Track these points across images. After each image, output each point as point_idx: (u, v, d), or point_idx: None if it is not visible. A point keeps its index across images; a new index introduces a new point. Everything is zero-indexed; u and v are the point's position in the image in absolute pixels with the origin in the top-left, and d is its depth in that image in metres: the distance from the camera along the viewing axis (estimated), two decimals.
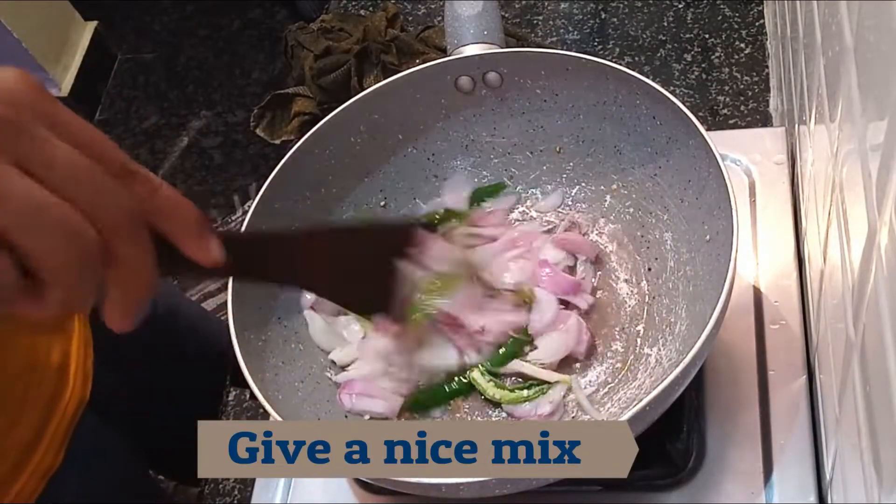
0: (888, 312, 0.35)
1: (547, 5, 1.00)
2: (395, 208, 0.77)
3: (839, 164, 0.47)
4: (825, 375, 0.57)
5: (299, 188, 0.71)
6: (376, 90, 0.71)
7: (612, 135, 0.71)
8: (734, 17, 0.93)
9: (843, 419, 0.49)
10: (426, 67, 0.72)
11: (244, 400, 0.79)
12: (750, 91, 0.86)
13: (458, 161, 0.77)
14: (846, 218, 0.45)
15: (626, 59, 0.92)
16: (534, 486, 0.54)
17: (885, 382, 0.35)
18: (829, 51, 0.49)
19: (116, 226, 0.35)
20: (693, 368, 0.53)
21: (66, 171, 0.33)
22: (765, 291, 0.69)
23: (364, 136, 0.73)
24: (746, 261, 0.71)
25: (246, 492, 0.72)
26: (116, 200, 0.35)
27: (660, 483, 0.62)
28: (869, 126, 0.38)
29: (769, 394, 0.64)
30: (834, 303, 0.50)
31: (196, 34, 2.57)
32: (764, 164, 0.76)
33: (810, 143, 0.62)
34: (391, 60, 0.92)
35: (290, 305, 0.70)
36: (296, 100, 0.97)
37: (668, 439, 0.62)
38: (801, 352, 0.66)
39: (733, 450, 0.63)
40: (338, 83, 0.92)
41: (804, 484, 0.60)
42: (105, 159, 0.35)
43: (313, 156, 0.71)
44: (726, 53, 0.90)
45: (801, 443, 0.62)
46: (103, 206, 0.34)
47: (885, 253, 0.35)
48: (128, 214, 0.35)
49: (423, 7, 1.05)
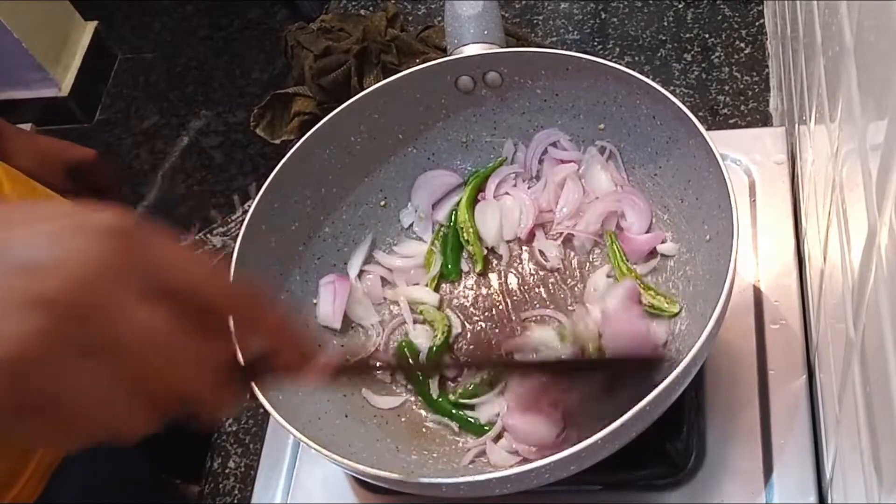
0: (888, 312, 0.35)
1: (547, 5, 1.00)
2: (395, 208, 0.77)
3: (839, 164, 0.47)
4: (825, 375, 0.57)
5: (299, 188, 0.71)
6: (376, 90, 0.71)
7: (612, 135, 0.71)
8: (734, 17, 0.93)
9: (843, 419, 0.49)
10: (426, 67, 0.72)
11: (244, 400, 0.79)
12: (750, 91, 0.86)
13: (458, 161, 0.77)
14: (846, 218, 0.45)
15: (626, 59, 0.92)
16: (534, 485, 0.54)
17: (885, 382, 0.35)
18: (829, 51, 0.49)
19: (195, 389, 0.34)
20: (693, 368, 0.53)
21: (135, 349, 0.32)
22: (765, 291, 0.69)
23: (364, 136, 0.73)
24: (746, 261, 0.71)
25: (246, 492, 0.72)
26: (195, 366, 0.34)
27: (660, 483, 0.62)
28: (869, 126, 0.38)
29: (769, 394, 0.64)
30: (834, 303, 0.50)
31: (196, 34, 2.57)
32: (764, 164, 0.76)
33: (810, 142, 0.62)
34: (391, 60, 0.91)
35: (290, 305, 0.70)
36: (296, 100, 0.96)
37: (668, 439, 0.62)
38: (801, 352, 0.66)
39: (733, 450, 0.63)
40: (338, 83, 0.92)
41: (804, 484, 0.60)
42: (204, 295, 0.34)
43: (313, 156, 0.71)
44: (726, 53, 0.90)
45: (801, 443, 0.62)
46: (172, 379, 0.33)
47: (885, 253, 0.35)
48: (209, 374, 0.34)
49: (423, 7, 1.05)
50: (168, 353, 0.33)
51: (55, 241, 0.31)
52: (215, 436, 0.77)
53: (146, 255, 0.33)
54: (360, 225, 0.76)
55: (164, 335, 0.33)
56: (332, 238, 0.74)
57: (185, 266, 0.34)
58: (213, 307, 0.34)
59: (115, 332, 0.31)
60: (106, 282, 0.31)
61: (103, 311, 0.31)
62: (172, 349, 0.33)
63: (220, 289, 0.35)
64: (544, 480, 0.54)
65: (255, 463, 0.73)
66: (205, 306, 0.34)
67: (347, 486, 0.68)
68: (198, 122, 2.37)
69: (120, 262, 0.32)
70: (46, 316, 0.30)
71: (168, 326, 0.33)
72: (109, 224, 0.32)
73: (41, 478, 0.72)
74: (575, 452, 0.50)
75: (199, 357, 0.34)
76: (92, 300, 0.31)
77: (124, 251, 0.32)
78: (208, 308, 0.34)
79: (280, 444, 0.72)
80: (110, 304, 0.31)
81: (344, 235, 0.75)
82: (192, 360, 0.34)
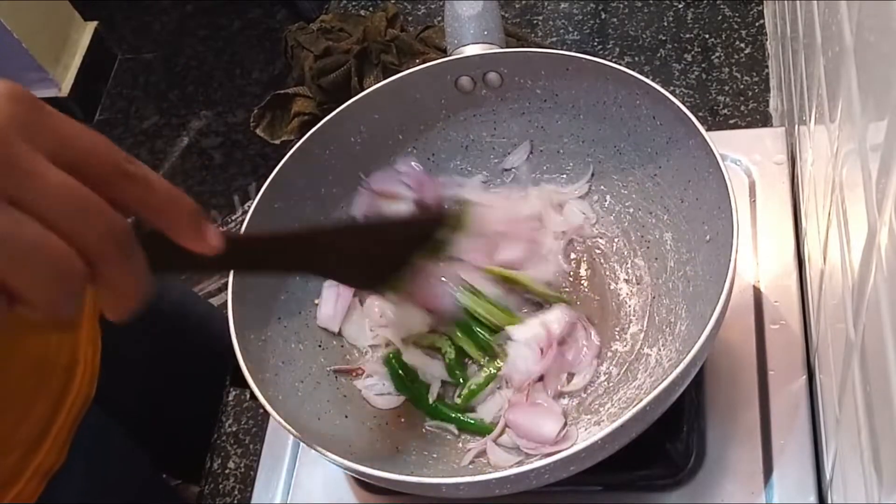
0: (888, 312, 0.35)
1: (547, 5, 1.00)
2: None
3: (839, 164, 0.47)
4: (825, 375, 0.57)
5: (299, 188, 0.71)
6: (376, 90, 0.71)
7: (612, 135, 0.71)
8: (734, 17, 0.93)
9: (843, 419, 0.49)
10: (426, 67, 0.72)
11: (244, 400, 0.79)
12: (750, 91, 0.86)
13: (458, 161, 0.77)
14: (846, 218, 0.45)
15: (626, 59, 0.92)
16: (534, 486, 0.54)
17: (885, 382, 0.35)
18: (829, 51, 0.49)
19: (105, 250, 0.35)
20: (693, 368, 0.53)
21: (56, 201, 0.33)
22: (765, 291, 0.69)
23: (364, 136, 0.73)
24: (746, 261, 0.71)
25: (246, 492, 0.72)
26: (105, 224, 0.35)
27: (660, 483, 0.62)
28: (869, 126, 0.38)
29: (769, 394, 0.64)
30: (834, 303, 0.50)
31: (196, 34, 2.58)
32: (764, 164, 0.76)
33: (810, 143, 0.62)
34: (391, 60, 0.91)
35: (290, 305, 0.70)
36: (296, 100, 0.96)
37: (668, 439, 0.62)
38: (801, 352, 0.66)
39: (733, 450, 0.63)
40: (338, 83, 0.92)
41: (804, 484, 0.60)
42: (99, 166, 0.35)
43: (313, 156, 0.71)
44: (726, 53, 0.90)
45: (801, 443, 0.62)
46: (91, 233, 0.34)
47: (885, 253, 0.35)
48: (116, 236, 0.35)
49: (423, 7, 1.05)
50: (82, 208, 0.34)
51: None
52: (215, 436, 0.77)
53: (44, 118, 0.35)
54: None
55: (76, 187, 0.34)
56: None
57: (81, 133, 0.35)
58: (109, 177, 0.36)
59: (34, 180, 0.33)
60: (16, 139, 0.33)
61: (18, 162, 0.33)
62: (86, 205, 0.34)
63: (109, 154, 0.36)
64: (544, 481, 0.54)
65: (255, 463, 0.73)
66: (101, 176, 0.35)
67: (347, 486, 0.68)
68: (198, 122, 2.37)
69: (24, 122, 0.33)
70: None
71: (76, 181, 0.34)
72: (12, 90, 0.34)
73: (42, 478, 0.72)
74: (575, 453, 0.50)
75: (106, 219, 0.35)
76: (5, 152, 0.32)
77: (29, 113, 0.34)
78: (104, 177, 0.36)
79: (280, 444, 0.72)
80: (23, 156, 0.33)
81: None
82: (100, 218, 0.35)
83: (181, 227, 0.39)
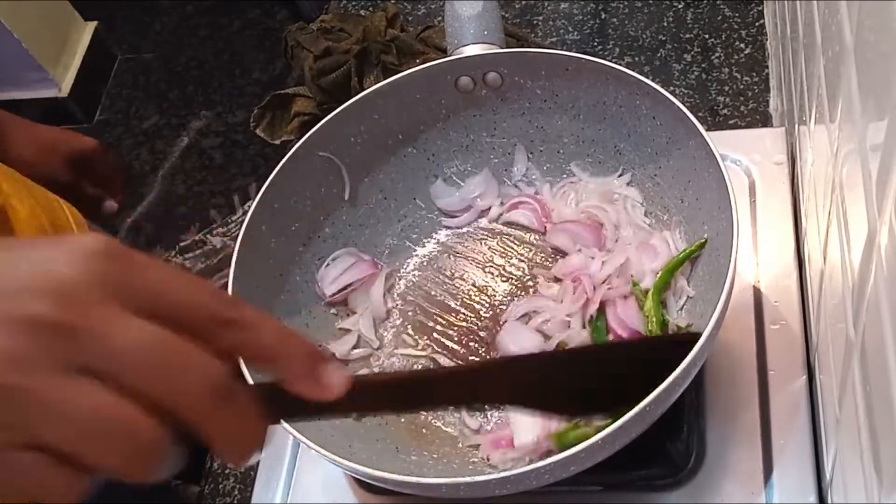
0: (888, 312, 0.35)
1: (547, 5, 1.00)
2: (395, 208, 0.77)
3: (839, 164, 0.47)
4: (825, 375, 0.57)
5: (299, 188, 0.71)
6: (376, 90, 0.71)
7: (612, 135, 0.71)
8: (734, 17, 0.93)
9: (843, 419, 0.49)
10: (426, 67, 0.72)
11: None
12: (750, 91, 0.86)
13: (458, 161, 0.77)
14: (846, 218, 0.45)
15: (626, 59, 0.92)
16: (534, 486, 0.54)
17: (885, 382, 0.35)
18: (829, 51, 0.49)
19: (197, 407, 0.31)
20: (693, 368, 0.53)
21: (133, 365, 0.30)
22: (765, 291, 0.69)
23: (364, 136, 0.73)
24: (746, 261, 0.71)
25: (246, 492, 0.72)
26: (195, 380, 0.31)
27: (660, 483, 0.62)
28: (869, 126, 0.38)
29: (769, 394, 0.64)
30: (834, 303, 0.50)
31: (196, 34, 2.57)
32: (764, 164, 0.76)
33: (810, 143, 0.62)
34: (391, 60, 0.91)
35: (290, 306, 0.70)
36: (296, 100, 0.97)
37: (668, 439, 0.62)
38: (801, 352, 0.66)
39: (733, 450, 0.63)
40: (338, 83, 0.92)
41: (804, 484, 0.60)
42: (196, 316, 0.32)
43: (313, 156, 0.71)
44: (726, 53, 0.90)
45: (801, 443, 0.62)
46: (177, 393, 0.31)
47: (885, 253, 0.35)
48: (208, 390, 0.32)
49: (423, 7, 1.05)
50: (167, 358, 0.31)
51: (39, 264, 0.30)
52: None
53: (133, 273, 0.32)
54: (359, 225, 0.76)
55: (160, 343, 0.31)
56: (332, 238, 0.74)
57: (173, 282, 0.32)
58: (208, 325, 0.32)
59: (108, 344, 0.30)
60: (94, 300, 0.30)
61: (92, 327, 0.30)
62: (172, 355, 0.31)
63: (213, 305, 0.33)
64: (544, 481, 0.54)
65: (254, 463, 0.73)
66: (199, 325, 0.32)
67: (347, 486, 0.68)
68: (198, 122, 2.37)
69: (107, 280, 0.31)
70: (30, 335, 0.29)
71: (163, 335, 0.31)
72: (94, 246, 0.31)
73: None
74: (575, 453, 0.50)
75: (196, 373, 0.31)
76: (79, 318, 0.30)
77: (111, 271, 0.31)
78: (202, 326, 0.32)
79: (280, 444, 0.72)
80: (99, 319, 0.30)
81: (344, 236, 0.75)
82: (187, 374, 0.31)
83: (295, 375, 0.35)
